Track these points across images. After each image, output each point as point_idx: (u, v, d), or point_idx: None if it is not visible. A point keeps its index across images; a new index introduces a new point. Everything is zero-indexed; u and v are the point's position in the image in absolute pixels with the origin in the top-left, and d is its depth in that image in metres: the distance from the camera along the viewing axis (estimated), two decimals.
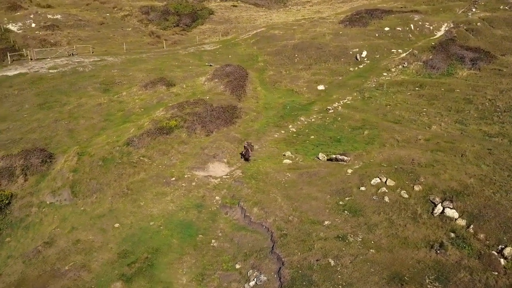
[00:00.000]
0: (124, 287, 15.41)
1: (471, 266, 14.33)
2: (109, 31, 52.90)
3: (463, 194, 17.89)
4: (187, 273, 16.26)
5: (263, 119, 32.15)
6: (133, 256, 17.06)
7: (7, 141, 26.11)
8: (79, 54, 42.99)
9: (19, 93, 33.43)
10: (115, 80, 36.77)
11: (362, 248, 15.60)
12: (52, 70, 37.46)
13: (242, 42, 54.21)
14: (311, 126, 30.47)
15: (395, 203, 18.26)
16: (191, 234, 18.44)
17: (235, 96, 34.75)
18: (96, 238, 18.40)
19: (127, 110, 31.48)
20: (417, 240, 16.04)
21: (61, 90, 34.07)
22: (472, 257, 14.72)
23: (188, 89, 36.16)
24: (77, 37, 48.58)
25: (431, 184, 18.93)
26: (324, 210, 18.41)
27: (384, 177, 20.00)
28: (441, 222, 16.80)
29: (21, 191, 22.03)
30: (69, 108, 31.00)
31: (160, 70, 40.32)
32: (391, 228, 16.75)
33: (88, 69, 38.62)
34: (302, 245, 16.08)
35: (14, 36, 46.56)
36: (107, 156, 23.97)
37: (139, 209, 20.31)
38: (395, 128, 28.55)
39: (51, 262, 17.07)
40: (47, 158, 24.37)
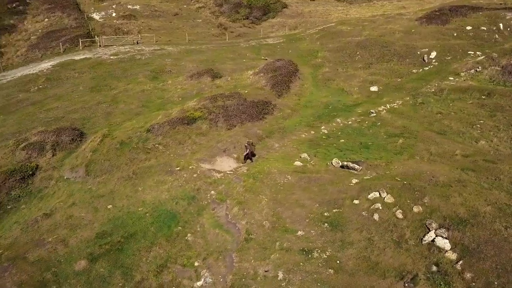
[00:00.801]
0: (87, 265, 16.04)
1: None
2: (181, 22, 55.28)
3: (467, 224, 15.26)
4: (149, 262, 16.36)
5: (296, 117, 30.97)
6: (109, 238, 17.65)
7: (51, 118, 28.78)
8: (144, 43, 45.69)
9: (79, 76, 36.65)
10: (165, 69, 38.32)
11: (321, 267, 14.18)
12: (113, 56, 40.40)
13: (307, 37, 52.75)
14: (345, 129, 28.54)
15: (384, 222, 16.27)
16: (170, 225, 18.49)
17: (275, 91, 33.94)
18: (87, 216, 19.41)
19: (166, 99, 32.60)
20: (389, 267, 14.10)
21: (114, 75, 36.55)
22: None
23: (232, 82, 36.24)
24: (148, 27, 51.67)
25: (435, 207, 16.47)
26: (305, 220, 17.11)
27: (385, 192, 17.92)
28: (428, 252, 14.55)
29: (46, 165, 24.11)
30: (114, 93, 33.11)
31: (212, 61, 41.02)
32: (366, 250, 14.96)
33: (145, 57, 40.85)
34: (261, 253, 15.15)
35: (94, 24, 51.15)
36: (126, 140, 25.10)
37: (135, 194, 20.94)
38: (436, 139, 25.45)
39: (41, 232, 18.43)
40: (77, 137, 26.33)
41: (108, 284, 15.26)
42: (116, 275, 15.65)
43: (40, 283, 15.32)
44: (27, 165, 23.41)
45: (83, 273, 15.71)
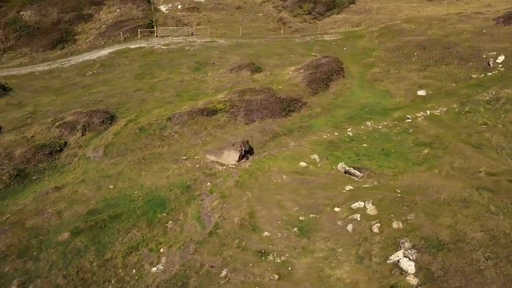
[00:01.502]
0: (68, 238, 17.27)
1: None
2: (241, 15, 56.01)
3: (444, 248, 13.61)
4: (123, 243, 17.11)
5: (325, 117, 29.86)
6: (98, 216, 18.76)
7: (91, 101, 31.18)
8: (198, 35, 47.18)
9: (130, 63, 39.10)
10: (210, 61, 39.23)
11: (268, 271, 13.69)
12: (164, 46, 42.40)
13: (366, 34, 50.29)
14: (372, 134, 26.90)
15: (356, 235, 15.15)
16: (156, 211, 19.11)
17: (311, 89, 33.05)
18: (89, 193, 20.83)
19: (201, 90, 33.46)
20: (339, 283, 13.15)
21: (160, 65, 38.36)
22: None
23: (270, 77, 36.01)
24: (208, 19, 53.18)
25: (417, 226, 14.92)
26: (277, 221, 16.57)
27: (370, 203, 16.67)
28: (388, 273, 13.28)
29: (74, 143, 26.25)
30: (154, 81, 34.79)
31: (258, 55, 41.06)
32: (324, 261, 14.09)
33: (194, 48, 42.21)
34: (217, 248, 15.04)
35: (159, 15, 54.00)
36: (146, 126, 26.34)
37: (138, 177, 21.94)
38: (467, 152, 22.95)
39: (45, 203, 20.21)
40: (107, 120, 28.23)
41: (80, 258, 16.29)
42: (90, 251, 16.64)
43: (25, 247, 16.86)
44: (57, 141, 25.71)
45: (63, 244, 16.95)
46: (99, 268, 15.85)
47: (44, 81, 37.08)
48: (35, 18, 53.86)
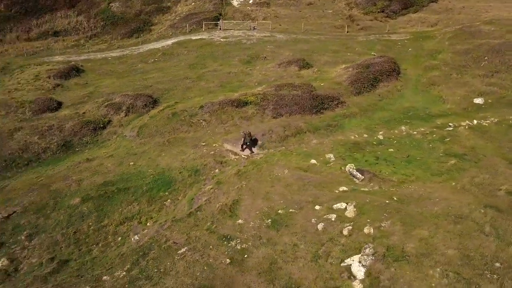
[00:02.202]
0: (78, 203, 19.45)
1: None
2: (310, 11, 55.54)
3: (404, 260, 12.86)
4: (121, 213, 18.82)
5: (360, 118, 28.96)
6: (109, 187, 20.76)
7: (142, 85, 33.89)
8: (259, 29, 48.01)
9: (187, 53, 41.44)
10: (262, 55, 39.92)
11: (224, 254, 14.17)
12: (223, 39, 44.00)
13: (439, 35, 46.86)
14: (403, 139, 25.59)
15: (324, 234, 14.91)
16: (160, 189, 20.57)
17: (354, 88, 32.16)
18: (111, 167, 23.03)
19: (244, 82, 34.40)
20: (285, 277, 13.17)
21: (214, 56, 40.04)
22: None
23: (316, 74, 35.66)
24: (275, 14, 53.69)
25: (388, 233, 14.22)
26: (256, 212, 16.88)
27: (352, 205, 16.19)
28: (337, 275, 12.96)
29: (117, 122, 28.93)
30: (203, 71, 36.54)
31: (312, 52, 40.72)
32: (281, 254, 14.14)
33: (250, 42, 43.18)
34: (188, 228, 15.92)
35: (229, 9, 55.92)
36: (178, 112, 28.05)
37: (157, 158, 23.65)
38: (498, 169, 20.80)
39: (74, 171, 22.82)
40: (150, 104, 30.55)
41: (81, 221, 18.32)
42: (92, 216, 18.61)
43: (42, 206, 19.38)
44: (101, 119, 28.59)
45: (72, 207, 19.17)
46: (93, 232, 17.68)
47: (112, 65, 41.04)
48: (121, 9, 59.32)
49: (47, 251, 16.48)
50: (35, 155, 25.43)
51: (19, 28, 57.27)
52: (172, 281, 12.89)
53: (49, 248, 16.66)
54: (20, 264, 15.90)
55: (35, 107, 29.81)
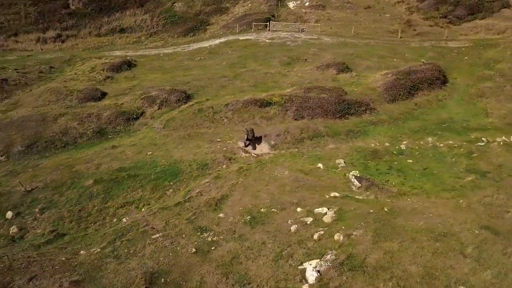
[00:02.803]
0: (91, 184, 21.13)
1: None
2: (366, 15, 53.89)
3: (359, 270, 12.46)
4: (125, 197, 20.11)
5: (388, 126, 27.91)
6: (121, 173, 22.24)
7: (180, 81, 35.53)
8: (307, 31, 47.67)
9: (231, 52, 42.52)
10: (303, 57, 39.75)
11: (192, 244, 14.70)
12: (268, 40, 44.40)
13: (502, 44, 43.16)
14: (427, 151, 24.31)
15: (294, 236, 14.84)
16: (166, 179, 21.65)
17: (388, 95, 31.01)
18: (130, 154, 24.61)
19: (278, 83, 34.63)
20: (240, 272, 13.37)
21: (256, 56, 40.66)
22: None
23: (353, 78, 34.82)
24: (329, 17, 52.90)
25: (355, 242, 13.81)
26: (239, 208, 17.20)
27: (332, 211, 15.92)
28: (291, 277, 12.89)
29: (149, 114, 30.71)
30: (242, 71, 37.33)
31: (356, 56, 39.73)
32: (246, 251, 14.33)
33: (295, 44, 43.11)
34: (170, 216, 16.69)
35: (283, 11, 56.19)
36: (205, 108, 29.10)
37: (173, 150, 24.84)
38: None
39: (98, 156, 24.69)
40: (182, 99, 31.97)
41: (88, 201, 19.93)
42: (98, 197, 20.17)
43: (61, 184, 21.33)
44: (135, 111, 30.57)
45: (84, 188, 20.89)
46: (96, 212, 19.18)
47: (161, 61, 43.43)
48: (183, 9, 62.34)
49: (52, 224, 18.23)
50: (72, 139, 27.91)
51: (92, 24, 62.56)
52: (136, 262, 13.71)
53: (54, 222, 18.40)
54: (26, 233, 17.79)
55: (81, 96, 32.67)
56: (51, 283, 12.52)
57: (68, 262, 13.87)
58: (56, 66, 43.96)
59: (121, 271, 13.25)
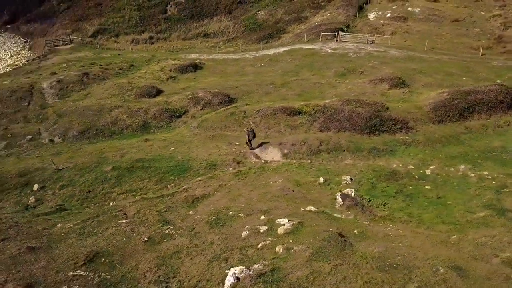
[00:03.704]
0: (109, 170, 23.38)
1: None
2: (451, 29, 49.35)
3: (270, 283, 12.13)
4: (131, 185, 21.90)
5: (421, 148, 25.72)
6: (139, 163, 24.12)
7: (229, 86, 36.94)
8: (377, 43, 45.45)
9: (291, 61, 42.71)
10: (360, 69, 38.29)
11: (148, 233, 15.63)
12: (331, 50, 43.47)
13: None
14: (453, 179, 22.03)
15: (240, 242, 14.84)
16: (174, 174, 22.98)
17: (434, 115, 28.59)
18: (155, 148, 26.50)
19: (324, 94, 34.05)
20: (171, 263, 13.91)
21: (312, 66, 40.28)
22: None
23: (405, 95, 32.68)
24: (406, 30, 49.67)
25: (290, 257, 13.39)
26: (211, 208, 17.65)
27: (291, 224, 15.50)
28: (215, 278, 13.02)
29: (191, 114, 32.62)
30: (292, 79, 37.40)
31: (418, 72, 37.01)
32: (186, 246, 14.78)
33: (356, 55, 41.57)
34: (146, 206, 17.83)
35: (359, 22, 54.35)
36: (237, 112, 29.99)
37: (194, 147, 26.15)
38: None
39: (129, 146, 27.14)
40: (225, 102, 33.34)
41: (100, 184, 22.14)
42: (109, 182, 22.28)
43: (85, 167, 23.93)
44: (179, 109, 32.76)
45: (102, 172, 23.20)
46: (101, 194, 21.26)
47: (225, 66, 45.54)
48: (264, 17, 64.26)
49: (62, 200, 20.74)
50: (119, 130, 31.05)
51: (182, 29, 67.95)
52: (91, 241, 15.11)
53: (65, 198, 20.90)
54: (40, 204, 20.51)
55: (139, 92, 36.04)
56: (15, 246, 14.48)
57: (41, 231, 15.84)
58: (136, 64, 48.87)
59: (74, 245, 14.74)
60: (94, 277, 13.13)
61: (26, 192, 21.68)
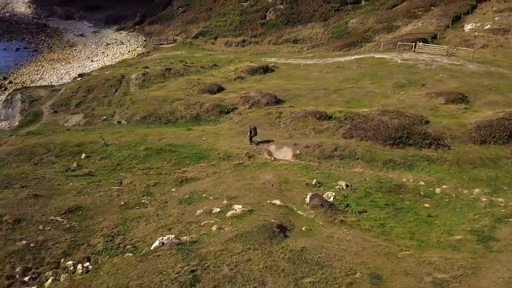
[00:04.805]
0: (142, 150, 26.99)
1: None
2: None
3: (180, 250, 13.73)
4: (150, 164, 25.09)
5: (445, 167, 24.04)
6: (168, 147, 27.18)
7: (285, 88, 38.34)
8: (456, 56, 41.64)
9: (356, 69, 42.05)
10: (423, 81, 36.03)
11: (110, 200, 18.43)
12: (401, 61, 41.31)
13: None
14: (461, 202, 20.65)
15: (192, 218, 16.71)
16: (192, 159, 25.46)
17: (477, 135, 26.33)
18: (191, 137, 29.38)
19: (372, 103, 33.15)
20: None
21: (374, 75, 39.12)
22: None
23: (459, 112, 30.35)
24: (501, 43, 44.21)
25: (213, 236, 14.77)
26: (191, 189, 19.72)
27: (241, 210, 16.76)
28: (149, 241, 15.13)
29: (239, 111, 34.88)
30: (347, 86, 37.10)
31: (489, 88, 33.53)
32: (146, 217, 17.10)
33: (426, 67, 38.87)
34: (133, 179, 20.67)
35: (451, 33, 50.23)
36: (273, 112, 31.37)
37: (221, 140, 28.32)
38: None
39: (171, 133, 30.65)
40: (272, 102, 34.90)
41: (130, 160, 25.68)
42: (137, 159, 25.72)
43: (126, 146, 27.99)
44: (229, 106, 35.43)
45: (136, 151, 26.74)
46: (126, 168, 24.83)
47: (294, 71, 46.84)
48: (355, 25, 63.58)
49: (95, 168, 24.88)
50: (174, 119, 35.01)
51: (275, 34, 70.84)
52: (83, 198, 18.51)
53: (98, 167, 25.02)
54: (78, 169, 24.89)
55: (202, 88, 39.75)
56: (27, 192, 18.60)
57: (54, 186, 19.86)
58: (219, 64, 53.20)
59: (68, 199, 18.30)
60: (66, 224, 16.34)
61: (75, 159, 26.45)
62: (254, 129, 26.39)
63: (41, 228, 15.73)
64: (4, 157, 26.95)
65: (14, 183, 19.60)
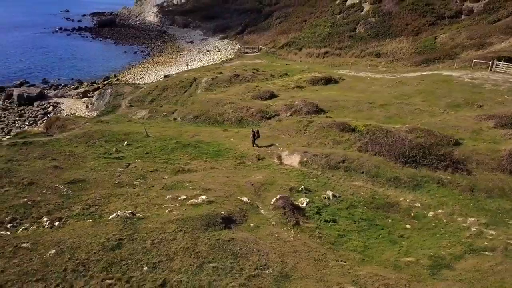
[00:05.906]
0: (172, 143, 30.17)
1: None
2: None
3: (131, 224, 15.92)
4: (174, 155, 28.00)
5: (457, 192, 22.51)
6: (194, 143, 29.93)
7: (333, 99, 38.35)
8: None
9: (416, 85, 39.56)
10: (480, 102, 32.95)
11: (102, 179, 21.38)
12: (467, 79, 37.47)
13: None
14: (446, 227, 19.45)
15: (161, 201, 18.83)
16: (208, 155, 27.67)
17: (508, 163, 23.91)
18: (219, 135, 31.72)
19: (413, 120, 31.69)
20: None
21: (431, 93, 36.50)
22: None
23: (505, 136, 27.40)
24: None
25: (168, 217, 16.68)
26: (181, 178, 21.84)
27: (201, 199, 18.40)
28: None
29: (280, 117, 36.14)
30: (396, 102, 35.49)
31: None
32: (128, 196, 19.70)
33: (493, 88, 34.73)
34: (136, 162, 23.51)
35: None
36: (303, 120, 31.99)
37: (245, 140, 30.04)
38: None
39: (206, 132, 33.35)
40: (312, 111, 35.43)
41: (159, 151, 28.71)
42: (165, 150, 28.64)
43: (162, 137, 31.31)
44: (271, 112, 36.92)
45: (167, 143, 29.82)
46: (152, 156, 28.02)
47: (357, 83, 45.71)
48: (443, 40, 59.44)
49: (127, 153, 28.43)
50: (221, 120, 37.72)
51: (359, 47, 69.57)
52: (90, 174, 21.99)
53: (130, 153, 28.60)
54: (116, 153, 28.87)
55: (255, 94, 41.85)
56: (51, 164, 22.73)
57: (77, 162, 23.82)
58: (290, 74, 54.87)
59: (77, 173, 21.96)
60: (64, 191, 19.82)
61: (118, 145, 30.59)
62: (257, 132, 27.59)
63: (44, 191, 19.41)
64: (72, 138, 32.35)
65: (48, 156, 24.12)
